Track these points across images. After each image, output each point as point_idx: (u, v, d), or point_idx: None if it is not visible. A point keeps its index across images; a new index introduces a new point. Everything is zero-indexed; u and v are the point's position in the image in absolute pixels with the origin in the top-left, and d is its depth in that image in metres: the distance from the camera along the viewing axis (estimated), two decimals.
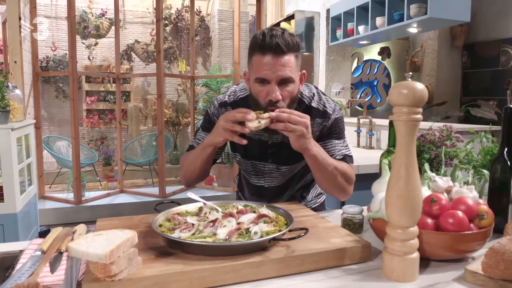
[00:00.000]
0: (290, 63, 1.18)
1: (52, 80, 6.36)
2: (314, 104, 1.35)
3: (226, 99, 1.40)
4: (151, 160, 5.84)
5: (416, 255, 0.83)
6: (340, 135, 1.37)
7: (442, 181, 1.00)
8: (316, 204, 1.57)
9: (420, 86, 0.78)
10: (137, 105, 6.75)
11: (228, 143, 1.39)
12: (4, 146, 2.55)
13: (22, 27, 3.71)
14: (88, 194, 4.43)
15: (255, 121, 1.10)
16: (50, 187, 5.45)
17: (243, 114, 1.11)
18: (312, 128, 1.30)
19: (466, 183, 1.09)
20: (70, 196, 4.24)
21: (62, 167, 5.65)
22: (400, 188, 0.80)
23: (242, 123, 1.12)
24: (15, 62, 3.76)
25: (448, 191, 0.99)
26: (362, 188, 2.30)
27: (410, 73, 0.86)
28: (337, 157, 1.32)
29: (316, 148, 1.20)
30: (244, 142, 1.13)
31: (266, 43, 1.17)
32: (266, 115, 1.10)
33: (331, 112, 1.35)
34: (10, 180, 2.58)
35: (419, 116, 0.79)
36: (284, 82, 1.19)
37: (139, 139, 6.39)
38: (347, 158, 1.35)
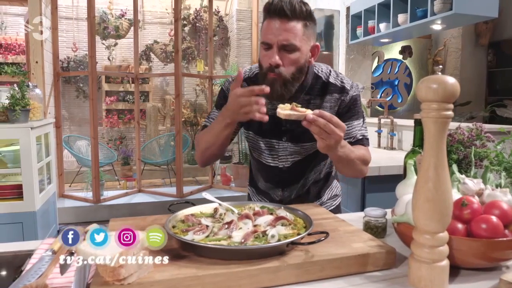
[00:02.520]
0: (295, 30, 1.17)
1: (72, 80, 6.45)
2: (331, 80, 1.33)
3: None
4: (169, 160, 5.86)
5: (445, 263, 0.77)
6: (359, 114, 1.35)
7: (473, 184, 0.94)
8: (332, 207, 1.51)
9: (451, 80, 0.72)
10: (155, 105, 6.79)
11: (244, 123, 1.37)
12: (23, 145, 2.57)
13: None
14: (106, 193, 4.46)
15: (287, 110, 1.05)
16: (70, 186, 5.52)
17: (259, 87, 1.07)
18: (330, 103, 1.32)
19: (499, 185, 1.02)
20: (89, 195, 4.28)
21: (82, 166, 5.72)
22: (428, 191, 0.74)
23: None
24: (36, 62, 3.81)
25: (480, 194, 0.93)
26: (384, 190, 2.24)
27: (440, 66, 0.80)
28: (357, 137, 1.33)
29: (342, 150, 1.14)
30: (266, 118, 1.08)
31: (272, 7, 1.17)
32: (303, 109, 1.05)
33: (349, 88, 1.33)
34: (29, 178, 2.60)
35: (450, 113, 0.73)
36: (286, 48, 1.18)
37: (157, 139, 6.43)
38: (365, 141, 1.35)
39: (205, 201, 1.09)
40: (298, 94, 1.30)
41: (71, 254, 0.88)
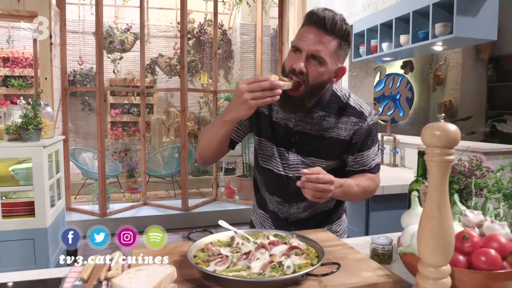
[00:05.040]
0: (328, 44, 1.17)
1: (78, 93, 6.54)
2: (351, 102, 1.33)
3: None
4: (173, 172, 5.93)
5: None
6: (373, 142, 1.36)
7: (473, 216, 1.00)
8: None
9: (452, 127, 0.79)
10: (159, 117, 6.87)
11: (255, 130, 1.38)
12: (36, 163, 2.64)
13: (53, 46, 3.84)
14: (112, 206, 4.53)
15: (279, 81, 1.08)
16: (75, 198, 5.58)
17: (270, 82, 1.05)
18: (346, 125, 1.31)
19: (497, 215, 1.08)
20: (95, 208, 4.34)
21: (87, 178, 5.79)
22: (432, 228, 0.80)
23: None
24: (46, 78, 3.89)
25: (479, 225, 0.99)
26: (387, 208, 2.31)
27: (443, 114, 0.87)
28: (371, 166, 1.36)
29: (338, 190, 1.20)
30: (278, 97, 1.07)
31: (314, 17, 1.18)
32: (287, 79, 1.09)
33: (367, 115, 1.33)
34: (41, 195, 2.67)
35: (452, 157, 0.80)
36: (315, 58, 1.17)
37: (161, 151, 6.50)
38: (376, 168, 1.38)
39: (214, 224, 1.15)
40: (313, 108, 1.29)
41: (100, 282, 0.95)
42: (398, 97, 5.78)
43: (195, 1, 6.47)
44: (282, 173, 1.36)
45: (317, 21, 1.17)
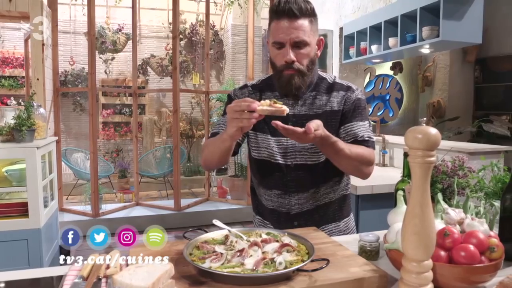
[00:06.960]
0: (303, 27, 1.29)
1: (69, 94, 6.53)
2: (337, 81, 1.45)
3: (247, 83, 1.52)
4: (165, 173, 5.95)
5: (430, 286, 0.88)
6: (363, 116, 1.42)
7: (455, 213, 1.06)
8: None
9: (433, 131, 0.84)
10: (151, 117, 6.89)
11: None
12: (30, 164, 2.65)
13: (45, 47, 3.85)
14: (104, 207, 4.54)
15: (265, 106, 1.11)
16: (67, 198, 5.58)
17: (248, 104, 1.10)
18: (337, 99, 1.41)
19: (478, 213, 1.14)
20: (88, 208, 4.35)
21: (79, 179, 5.78)
22: (415, 225, 0.86)
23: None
24: (37, 79, 3.89)
25: (460, 223, 1.05)
26: (376, 207, 2.38)
27: (425, 118, 0.92)
28: (364, 137, 1.37)
29: (328, 148, 1.25)
30: (254, 121, 1.11)
31: (280, 8, 1.29)
32: (279, 106, 1.13)
33: (354, 89, 1.44)
34: (34, 196, 2.68)
35: (433, 159, 0.85)
36: (298, 45, 1.30)
37: (153, 151, 6.52)
38: (370, 143, 1.39)
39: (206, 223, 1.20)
40: (304, 90, 1.39)
41: (99, 280, 0.99)
42: (387, 97, 5.85)
43: (187, 2, 6.50)
44: (280, 161, 1.41)
45: (284, 12, 1.28)
